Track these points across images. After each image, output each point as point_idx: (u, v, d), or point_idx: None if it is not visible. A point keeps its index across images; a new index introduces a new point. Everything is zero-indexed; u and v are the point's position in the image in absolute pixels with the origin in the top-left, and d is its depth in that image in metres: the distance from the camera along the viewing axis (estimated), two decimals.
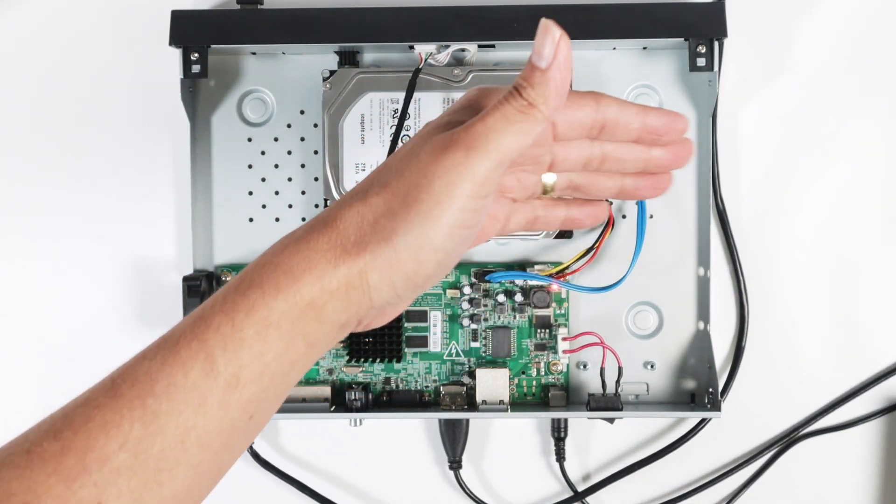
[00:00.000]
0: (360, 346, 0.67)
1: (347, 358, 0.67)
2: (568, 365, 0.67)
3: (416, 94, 0.64)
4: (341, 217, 0.43)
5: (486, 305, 0.68)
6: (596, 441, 0.69)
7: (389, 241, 0.42)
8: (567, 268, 0.66)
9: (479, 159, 0.42)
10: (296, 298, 0.41)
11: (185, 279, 0.65)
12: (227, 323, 0.40)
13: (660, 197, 0.64)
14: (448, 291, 0.67)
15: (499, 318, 0.68)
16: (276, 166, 0.68)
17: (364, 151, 0.64)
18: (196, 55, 0.65)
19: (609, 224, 0.66)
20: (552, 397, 0.67)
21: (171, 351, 0.40)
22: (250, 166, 0.68)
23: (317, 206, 0.68)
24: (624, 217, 0.68)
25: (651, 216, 0.67)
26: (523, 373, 0.68)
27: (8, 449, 0.39)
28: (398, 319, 0.67)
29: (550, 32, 0.42)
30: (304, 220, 0.68)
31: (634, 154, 0.49)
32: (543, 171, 0.49)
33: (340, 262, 0.42)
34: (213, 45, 0.65)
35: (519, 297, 0.67)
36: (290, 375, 0.43)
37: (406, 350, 0.68)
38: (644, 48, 0.67)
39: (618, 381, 0.66)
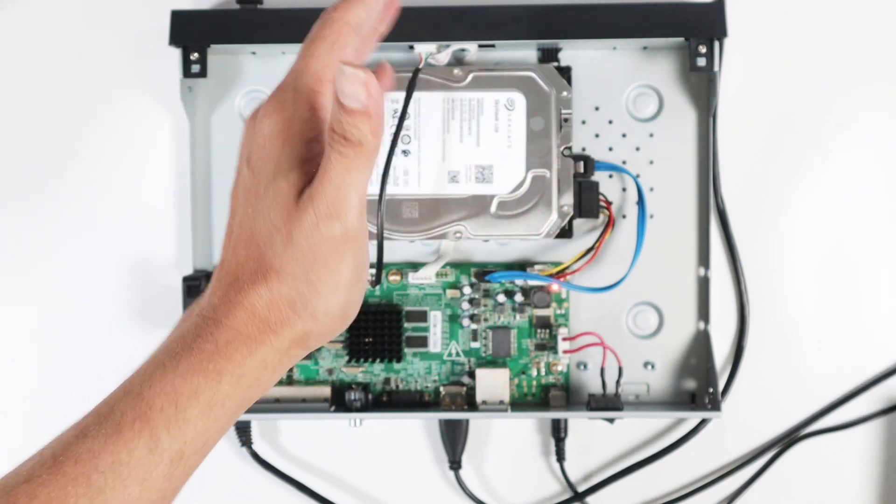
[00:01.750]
0: (360, 346, 0.67)
1: (347, 358, 0.67)
2: (568, 365, 0.67)
3: (416, 94, 0.64)
4: (258, 304, 0.43)
5: (486, 305, 0.67)
6: (596, 441, 0.69)
7: (315, 318, 0.44)
8: (567, 268, 0.66)
9: (351, 221, 0.43)
10: (240, 381, 0.43)
11: (185, 279, 0.65)
12: (170, 405, 0.41)
13: (660, 197, 0.66)
14: (448, 291, 0.67)
15: (499, 318, 0.68)
16: None
17: None
18: (196, 55, 0.64)
19: (609, 224, 0.66)
20: (552, 397, 0.67)
21: (114, 430, 0.40)
22: None
23: None
24: (624, 217, 0.68)
25: (651, 216, 0.67)
26: (523, 373, 0.68)
27: None
28: (398, 320, 0.67)
29: (355, 76, 0.41)
30: None
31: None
32: None
33: (277, 343, 0.43)
34: (212, 45, 0.64)
35: (519, 297, 0.67)
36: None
37: (406, 350, 0.67)
38: (644, 48, 0.67)
39: (618, 382, 0.66)
